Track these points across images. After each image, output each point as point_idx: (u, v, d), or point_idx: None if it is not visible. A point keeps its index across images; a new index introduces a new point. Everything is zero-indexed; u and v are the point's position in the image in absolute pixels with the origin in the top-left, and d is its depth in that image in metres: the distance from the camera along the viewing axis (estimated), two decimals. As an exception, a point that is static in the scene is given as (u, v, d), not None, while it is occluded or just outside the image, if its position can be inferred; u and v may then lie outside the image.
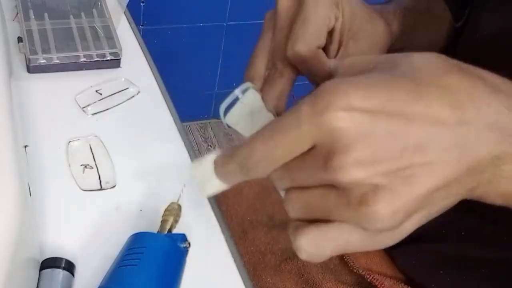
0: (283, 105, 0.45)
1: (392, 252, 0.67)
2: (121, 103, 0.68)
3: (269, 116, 0.43)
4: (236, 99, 0.43)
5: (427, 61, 0.31)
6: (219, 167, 0.36)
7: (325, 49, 0.46)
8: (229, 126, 0.43)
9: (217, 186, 0.39)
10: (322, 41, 0.44)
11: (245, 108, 0.43)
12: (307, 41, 0.43)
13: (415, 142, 0.29)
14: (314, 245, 0.33)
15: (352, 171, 0.29)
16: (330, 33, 0.46)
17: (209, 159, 0.38)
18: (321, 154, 0.30)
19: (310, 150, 0.31)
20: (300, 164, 0.32)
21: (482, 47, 0.55)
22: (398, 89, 0.30)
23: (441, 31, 0.62)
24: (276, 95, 0.44)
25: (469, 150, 0.30)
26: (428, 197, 0.30)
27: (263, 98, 0.43)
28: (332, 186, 0.31)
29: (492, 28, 0.54)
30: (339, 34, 0.46)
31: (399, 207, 0.30)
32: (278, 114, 0.44)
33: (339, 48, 0.47)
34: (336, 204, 0.31)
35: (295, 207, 0.33)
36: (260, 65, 0.46)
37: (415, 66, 0.31)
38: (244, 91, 0.43)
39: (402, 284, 0.63)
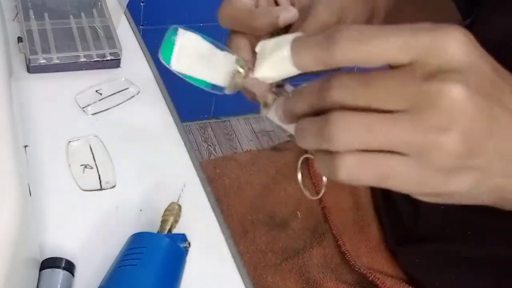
0: (246, 55, 0.46)
1: (395, 251, 0.67)
2: (121, 103, 0.68)
3: (225, 54, 0.43)
4: (170, 44, 0.42)
5: None
6: (301, 37, 0.34)
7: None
8: (182, 74, 0.42)
9: (278, 63, 0.36)
10: None
11: (190, 52, 0.42)
12: (226, 1, 0.46)
13: (510, 102, 0.31)
14: (360, 166, 0.31)
15: (461, 87, 0.29)
16: None
17: (291, 36, 0.36)
18: (424, 68, 0.30)
19: (399, 67, 0.31)
20: (387, 73, 0.31)
21: (494, 51, 0.55)
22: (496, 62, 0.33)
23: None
24: (234, 50, 0.46)
25: None
26: (492, 158, 0.31)
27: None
28: (407, 113, 0.30)
29: (506, 31, 0.53)
30: None
31: (470, 148, 0.30)
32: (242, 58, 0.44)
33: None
34: (408, 128, 0.30)
35: (349, 128, 0.31)
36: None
37: None
38: (173, 34, 0.42)
39: (404, 283, 0.63)
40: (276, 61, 0.37)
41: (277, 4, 0.49)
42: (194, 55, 0.42)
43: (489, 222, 0.56)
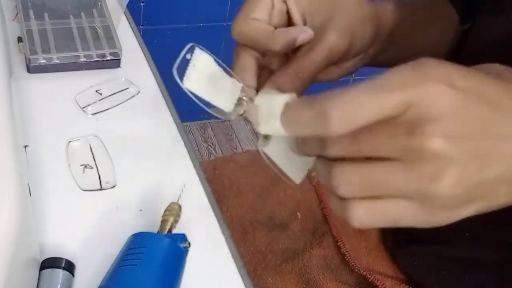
0: (250, 79, 0.46)
1: (394, 253, 0.67)
2: (121, 103, 0.68)
3: (233, 82, 0.44)
4: (186, 61, 0.43)
5: (504, 69, 0.34)
6: (291, 110, 0.35)
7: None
8: (191, 92, 0.43)
9: (274, 129, 0.37)
10: (259, 15, 0.46)
11: (201, 73, 0.43)
12: (242, 17, 0.46)
13: (499, 130, 0.31)
14: (369, 215, 0.33)
15: (440, 140, 0.30)
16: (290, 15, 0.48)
17: (282, 99, 0.37)
18: (408, 122, 0.31)
19: (389, 119, 0.31)
20: (376, 130, 0.32)
21: (488, 53, 0.55)
22: (489, 80, 0.32)
23: (447, 31, 0.62)
24: (239, 70, 0.46)
25: None
26: (493, 186, 0.32)
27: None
28: (399, 161, 0.31)
29: (498, 33, 0.54)
30: (298, 12, 0.48)
31: (466, 187, 0.31)
32: (245, 83, 0.45)
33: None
34: (402, 178, 0.31)
35: (350, 182, 0.33)
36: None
37: (496, 69, 0.34)
38: (190, 52, 0.43)
39: (403, 284, 0.63)
40: (271, 127, 0.39)
41: (289, 20, 0.49)
42: (205, 77, 0.43)
43: (489, 224, 0.56)
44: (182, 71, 0.42)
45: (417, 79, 0.31)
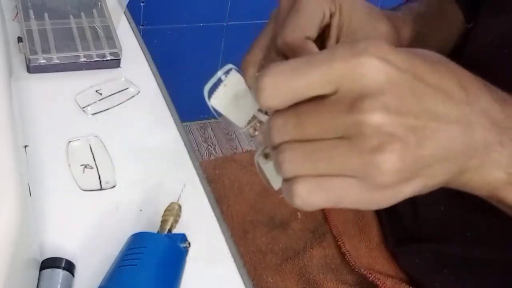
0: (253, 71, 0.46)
1: (395, 252, 0.67)
2: (121, 103, 0.68)
3: (253, 100, 0.44)
4: (220, 81, 0.43)
5: (429, 52, 0.35)
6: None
7: (323, 45, 0.47)
8: (214, 110, 0.43)
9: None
10: (311, 32, 0.45)
11: (229, 91, 0.43)
12: (295, 30, 0.44)
13: (431, 107, 0.31)
14: (311, 192, 0.32)
15: (379, 114, 0.30)
16: (327, 29, 0.47)
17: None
18: (345, 98, 0.31)
19: (327, 97, 0.31)
20: (315, 108, 0.32)
21: (489, 53, 0.55)
22: (419, 59, 0.32)
23: (452, 31, 0.62)
24: (250, 62, 0.45)
25: (468, 130, 0.33)
26: (430, 163, 0.32)
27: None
28: (342, 139, 0.31)
29: (499, 33, 0.54)
30: (337, 30, 0.47)
31: (407, 162, 0.31)
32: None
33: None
34: (345, 153, 0.31)
35: (293, 159, 0.32)
36: (257, 52, 0.46)
37: (420, 52, 0.34)
38: (226, 72, 0.43)
39: (404, 284, 0.63)
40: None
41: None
42: (232, 95, 0.44)
43: (489, 223, 0.56)
44: (211, 88, 0.43)
45: (350, 53, 0.31)
